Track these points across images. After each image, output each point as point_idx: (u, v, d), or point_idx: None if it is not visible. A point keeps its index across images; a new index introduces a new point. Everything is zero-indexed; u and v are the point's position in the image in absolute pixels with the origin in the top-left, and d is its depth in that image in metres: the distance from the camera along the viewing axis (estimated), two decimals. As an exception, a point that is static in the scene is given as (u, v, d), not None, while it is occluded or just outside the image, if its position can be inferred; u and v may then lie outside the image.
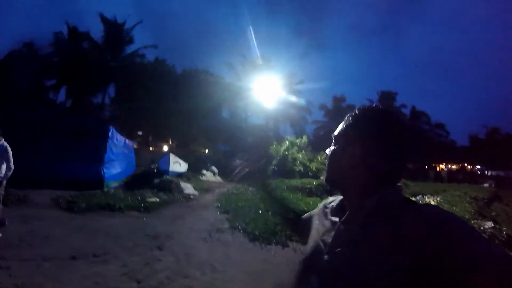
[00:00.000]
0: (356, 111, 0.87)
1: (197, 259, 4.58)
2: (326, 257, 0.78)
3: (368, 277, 0.65)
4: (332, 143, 0.91)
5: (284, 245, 5.52)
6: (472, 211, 6.69)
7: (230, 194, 11.89)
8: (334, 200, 0.94)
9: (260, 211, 8.10)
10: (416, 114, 39.63)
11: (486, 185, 22.38)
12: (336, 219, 0.84)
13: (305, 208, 7.83)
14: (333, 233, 0.81)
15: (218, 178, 19.32)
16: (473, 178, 30.15)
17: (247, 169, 21.89)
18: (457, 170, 38.09)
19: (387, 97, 39.67)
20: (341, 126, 0.89)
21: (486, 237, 0.67)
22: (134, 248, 4.77)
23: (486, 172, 37.99)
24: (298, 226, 1.25)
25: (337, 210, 0.88)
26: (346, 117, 0.89)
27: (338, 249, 0.76)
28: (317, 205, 1.17)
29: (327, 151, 0.92)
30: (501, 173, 35.19)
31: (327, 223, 0.88)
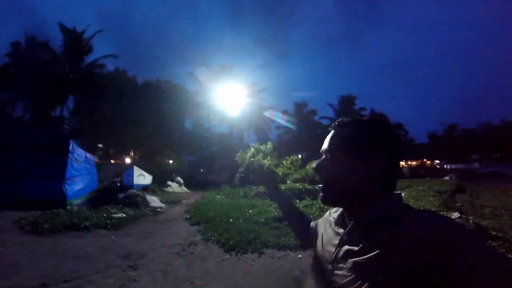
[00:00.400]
0: (349, 124, 0.87)
1: (174, 276, 4.50)
2: (329, 266, 0.82)
3: (369, 279, 0.68)
4: (323, 157, 0.90)
5: (261, 253, 5.55)
6: (437, 203, 7.04)
7: (198, 204, 11.71)
8: (338, 209, 0.95)
9: (231, 220, 8.09)
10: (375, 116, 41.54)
11: (447, 178, 23.71)
12: (340, 230, 0.87)
13: (276, 214, 7.98)
14: (336, 242, 0.85)
15: (184, 189, 19.01)
16: (434, 173, 31.45)
17: (213, 179, 21.74)
18: (417, 166, 39.76)
19: (347, 101, 41.20)
20: (332, 139, 0.88)
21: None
22: (107, 270, 4.59)
23: (445, 166, 39.91)
24: (307, 236, 1.26)
25: (340, 220, 0.90)
26: (336, 130, 0.89)
27: (341, 259, 0.79)
28: None
29: (316, 163, 0.91)
30: (461, 166, 37.27)
31: (331, 233, 0.91)
